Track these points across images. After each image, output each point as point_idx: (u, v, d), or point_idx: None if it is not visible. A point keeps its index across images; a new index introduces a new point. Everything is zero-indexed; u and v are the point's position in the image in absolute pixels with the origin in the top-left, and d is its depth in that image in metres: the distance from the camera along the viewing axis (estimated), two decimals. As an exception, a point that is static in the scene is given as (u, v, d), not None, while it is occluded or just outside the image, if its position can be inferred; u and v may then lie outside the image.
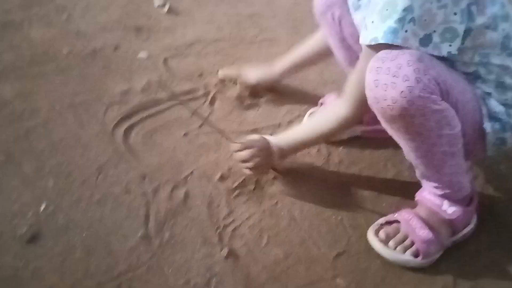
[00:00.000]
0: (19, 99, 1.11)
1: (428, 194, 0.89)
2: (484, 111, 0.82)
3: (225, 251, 0.83)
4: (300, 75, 1.23)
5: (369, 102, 0.76)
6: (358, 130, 1.14)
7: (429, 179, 0.86)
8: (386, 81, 0.72)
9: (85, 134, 1.04)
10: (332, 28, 1.02)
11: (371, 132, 1.14)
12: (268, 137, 0.98)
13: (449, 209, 0.87)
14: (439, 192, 0.87)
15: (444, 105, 0.75)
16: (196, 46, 1.39)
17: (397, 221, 0.88)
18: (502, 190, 1.06)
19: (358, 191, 1.00)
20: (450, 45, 0.75)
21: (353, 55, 1.04)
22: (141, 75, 1.24)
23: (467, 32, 0.76)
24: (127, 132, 1.07)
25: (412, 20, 0.72)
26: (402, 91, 0.71)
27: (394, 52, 0.73)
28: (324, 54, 1.13)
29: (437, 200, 0.87)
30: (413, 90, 0.71)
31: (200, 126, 1.11)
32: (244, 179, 0.99)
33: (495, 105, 0.83)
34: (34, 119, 1.06)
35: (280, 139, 0.97)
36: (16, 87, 1.14)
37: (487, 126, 0.83)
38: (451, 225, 0.88)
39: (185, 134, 1.08)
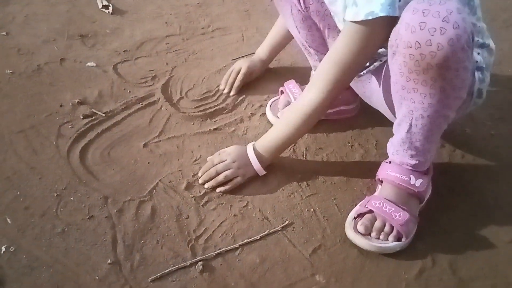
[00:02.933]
0: (-35, 132, 1.05)
1: (392, 171, 0.88)
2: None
3: (199, 266, 0.81)
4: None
5: (405, 45, 0.71)
6: (321, 113, 1.12)
7: (411, 145, 0.84)
8: (434, 24, 0.67)
9: (39, 161, 0.99)
10: (295, 7, 0.97)
11: (334, 114, 1.12)
12: (247, 145, 0.96)
13: (417, 182, 0.87)
14: (412, 161, 0.86)
15: (470, 64, 0.74)
16: (146, 46, 1.33)
17: (370, 211, 0.86)
18: (470, 158, 1.05)
19: (328, 179, 0.99)
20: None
21: (315, 34, 1.01)
22: (92, 86, 1.18)
23: None
24: (84, 151, 1.02)
25: None
26: (451, 38, 0.67)
27: None
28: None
29: (404, 176, 0.87)
30: (460, 39, 0.68)
31: (159, 134, 1.07)
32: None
33: (475, 55, 0.84)
34: (-17, 153, 1.01)
35: (258, 145, 0.95)
36: (-40, 119, 1.08)
37: (476, 75, 0.84)
38: (419, 196, 0.88)
39: (145, 145, 1.04)
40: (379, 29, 0.77)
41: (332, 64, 0.83)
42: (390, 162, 0.90)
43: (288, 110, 0.94)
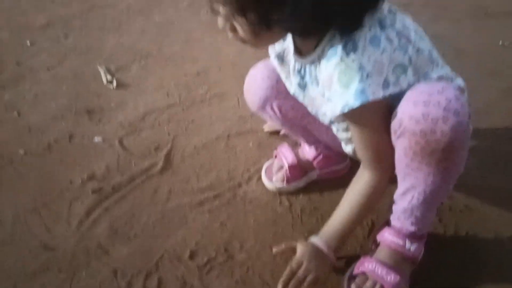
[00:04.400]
0: (-18, 214, 1.13)
1: (390, 235, 0.93)
2: None
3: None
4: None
5: (410, 134, 0.77)
6: (313, 175, 1.19)
7: (412, 215, 0.89)
8: (437, 114, 0.74)
9: (51, 238, 1.06)
10: (274, 117, 1.07)
11: (326, 174, 1.18)
12: (313, 239, 0.95)
13: (412, 247, 0.91)
14: (412, 228, 0.90)
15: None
16: (149, 118, 1.42)
17: (363, 273, 0.91)
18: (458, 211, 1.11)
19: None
20: (406, 76, 0.79)
21: (298, 129, 1.11)
22: (99, 161, 1.27)
23: (410, 61, 0.80)
24: (93, 227, 1.09)
25: (368, 75, 0.76)
26: (453, 126, 0.74)
27: (438, 85, 0.77)
28: None
29: (400, 241, 0.92)
30: (462, 125, 0.74)
31: (163, 205, 1.14)
32: (215, 252, 1.02)
33: None
34: (0, 234, 1.08)
35: (325, 236, 0.94)
36: (-23, 201, 1.16)
37: None
38: (412, 260, 0.92)
39: (149, 216, 1.11)
40: (364, 114, 0.81)
41: (362, 148, 0.88)
42: (388, 224, 0.95)
43: (348, 195, 0.95)
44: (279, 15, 0.73)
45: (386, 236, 0.93)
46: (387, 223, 0.95)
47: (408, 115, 0.76)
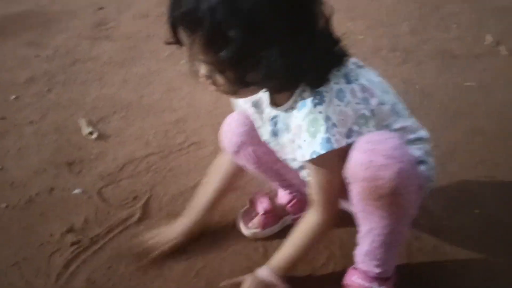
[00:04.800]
0: (-38, 270, 1.14)
1: (358, 279, 0.97)
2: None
3: None
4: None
5: (359, 180, 0.83)
6: (288, 219, 1.23)
7: (374, 257, 0.94)
8: (381, 162, 0.80)
9: (30, 293, 1.08)
10: (249, 161, 1.12)
11: (298, 219, 1.22)
12: (259, 271, 1.01)
13: None
14: (377, 270, 0.95)
15: (416, 186, 0.86)
16: (128, 168, 1.47)
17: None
18: (427, 249, 1.15)
19: (299, 282, 1.07)
20: (368, 127, 0.86)
21: (271, 173, 1.15)
22: (79, 213, 1.29)
23: (372, 113, 0.87)
24: (72, 278, 1.10)
25: (334, 125, 0.83)
26: (397, 172, 0.80)
27: (383, 134, 0.84)
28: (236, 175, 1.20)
29: (367, 283, 0.96)
30: (406, 170, 0.81)
31: (140, 255, 1.16)
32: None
33: (415, 151, 0.95)
34: (-21, 290, 1.09)
35: (271, 266, 1.00)
36: (-42, 258, 1.17)
37: (422, 168, 0.96)
38: (380, 302, 0.96)
39: (126, 267, 1.13)
40: (328, 160, 0.87)
41: (315, 190, 0.95)
42: (356, 268, 1.00)
43: (295, 232, 1.01)
44: (254, 76, 0.81)
45: (354, 280, 0.97)
46: (354, 267, 0.99)
47: (356, 163, 0.83)
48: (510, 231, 1.20)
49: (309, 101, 0.85)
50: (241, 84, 0.84)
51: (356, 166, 0.83)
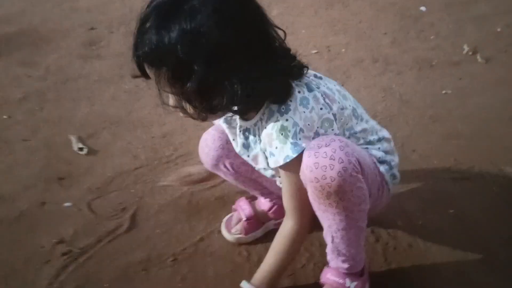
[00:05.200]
0: (-46, 284, 1.18)
1: (332, 276, 1.02)
2: (374, 160, 1.01)
3: None
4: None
5: (308, 180, 0.89)
6: (271, 224, 1.28)
7: (339, 252, 1.00)
8: (324, 163, 0.87)
9: (21, 302, 1.12)
10: (227, 174, 1.19)
11: (279, 224, 1.27)
12: (243, 285, 1.03)
13: (352, 285, 1.02)
14: (345, 265, 1.01)
15: (364, 182, 0.92)
16: (117, 181, 1.51)
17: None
18: (401, 249, 1.20)
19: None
20: (333, 130, 0.94)
21: (250, 182, 1.22)
22: (68, 225, 1.34)
23: (334, 116, 0.95)
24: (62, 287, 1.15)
25: (301, 130, 0.90)
26: (339, 171, 0.86)
27: (326, 139, 0.90)
28: None
29: (340, 280, 1.01)
30: (347, 170, 0.87)
31: (128, 262, 1.21)
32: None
33: (376, 152, 1.03)
34: (-30, 302, 1.13)
35: (255, 280, 1.03)
36: (-50, 272, 1.21)
37: (382, 169, 1.02)
38: (355, 296, 1.01)
39: (113, 274, 1.17)
40: (298, 165, 0.93)
41: (289, 199, 1.00)
42: (329, 266, 1.05)
43: (274, 241, 1.05)
44: (220, 103, 0.88)
45: (328, 277, 1.02)
46: (328, 265, 1.04)
47: (304, 166, 0.90)
48: (483, 230, 1.25)
49: (275, 111, 0.93)
50: (208, 111, 0.91)
51: (305, 169, 0.90)
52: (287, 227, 1.02)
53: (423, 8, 2.58)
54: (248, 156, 1.05)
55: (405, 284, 1.12)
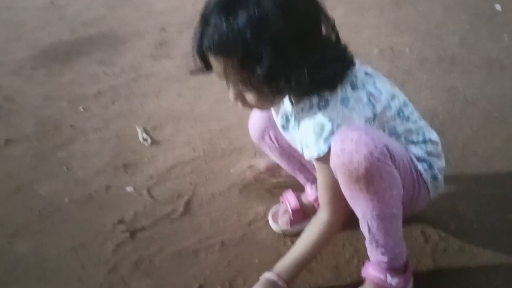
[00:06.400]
0: (31, 252, 1.32)
1: (373, 270, 1.02)
2: (413, 158, 1.01)
3: None
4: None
5: (337, 167, 0.91)
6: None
7: (377, 243, 0.99)
8: (350, 148, 0.88)
9: (85, 274, 1.23)
10: (272, 146, 1.23)
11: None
12: (267, 274, 1.04)
13: (393, 281, 1.01)
14: (385, 258, 1.00)
15: (393, 168, 0.92)
16: (175, 170, 1.61)
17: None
18: (452, 251, 1.17)
19: (320, 275, 1.13)
20: None
21: (294, 161, 1.24)
22: (129, 208, 1.45)
23: (374, 116, 0.96)
24: (120, 263, 1.25)
25: (339, 125, 0.92)
26: (365, 155, 0.87)
27: (352, 126, 0.91)
28: None
29: (382, 275, 1.01)
30: (373, 154, 0.88)
31: (181, 244, 1.28)
32: (219, 286, 1.15)
33: (416, 151, 1.02)
34: (43, 268, 1.26)
35: (278, 269, 1.04)
36: (29, 242, 1.36)
37: (420, 167, 1.01)
38: (396, 293, 1.00)
39: (167, 254, 1.26)
40: None
41: (324, 192, 1.02)
42: (370, 261, 1.05)
43: (305, 232, 1.07)
44: (284, 88, 0.90)
45: (369, 271, 1.02)
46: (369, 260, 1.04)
47: (333, 153, 0.91)
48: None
49: (315, 105, 0.95)
50: (271, 96, 0.94)
51: (333, 156, 0.91)
52: (320, 220, 1.03)
53: (498, 7, 2.45)
54: (286, 135, 1.10)
55: (452, 286, 1.09)
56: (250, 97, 0.94)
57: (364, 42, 2.24)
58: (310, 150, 0.96)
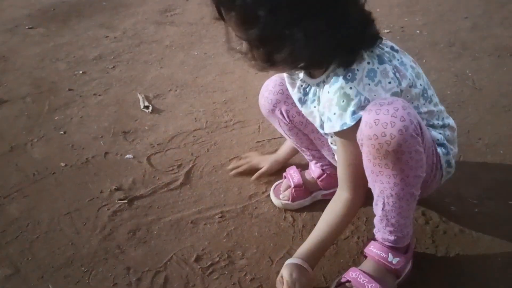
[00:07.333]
0: (24, 215, 1.29)
1: (375, 248, 1.00)
2: (433, 139, 0.98)
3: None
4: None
5: (366, 138, 0.87)
6: (319, 195, 1.28)
7: (388, 222, 0.97)
8: (385, 120, 0.85)
9: (79, 238, 1.21)
10: (281, 121, 1.19)
11: (330, 195, 1.26)
12: (294, 260, 1.00)
13: (394, 260, 0.99)
14: (391, 237, 0.98)
15: (422, 148, 0.89)
16: (176, 139, 1.57)
17: (348, 281, 0.98)
18: (451, 234, 1.15)
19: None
20: None
21: (302, 137, 1.21)
22: (128, 175, 1.42)
23: (401, 91, 0.92)
24: (115, 229, 1.23)
25: (365, 99, 0.89)
26: (399, 129, 0.84)
27: (389, 98, 0.88)
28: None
29: (383, 253, 0.99)
30: (408, 129, 0.85)
31: (180, 214, 1.26)
32: (218, 257, 1.13)
33: (436, 134, 1.00)
34: (36, 232, 1.23)
35: (301, 252, 1.01)
36: (22, 204, 1.33)
37: (439, 150, 0.99)
38: (396, 272, 0.99)
39: (165, 223, 1.24)
40: (356, 132, 0.91)
41: (345, 169, 0.99)
42: (374, 239, 1.03)
43: (325, 212, 1.04)
44: (282, 56, 0.87)
45: (371, 249, 1.00)
46: (373, 238, 1.02)
47: (364, 121, 0.87)
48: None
49: (341, 77, 0.91)
50: (269, 62, 0.90)
51: (364, 126, 0.87)
52: (341, 198, 1.01)
53: (511, -7, 2.40)
54: (302, 109, 1.06)
55: (450, 267, 1.07)
56: (255, 56, 0.91)
57: (375, 21, 2.18)
58: (332, 123, 0.93)
